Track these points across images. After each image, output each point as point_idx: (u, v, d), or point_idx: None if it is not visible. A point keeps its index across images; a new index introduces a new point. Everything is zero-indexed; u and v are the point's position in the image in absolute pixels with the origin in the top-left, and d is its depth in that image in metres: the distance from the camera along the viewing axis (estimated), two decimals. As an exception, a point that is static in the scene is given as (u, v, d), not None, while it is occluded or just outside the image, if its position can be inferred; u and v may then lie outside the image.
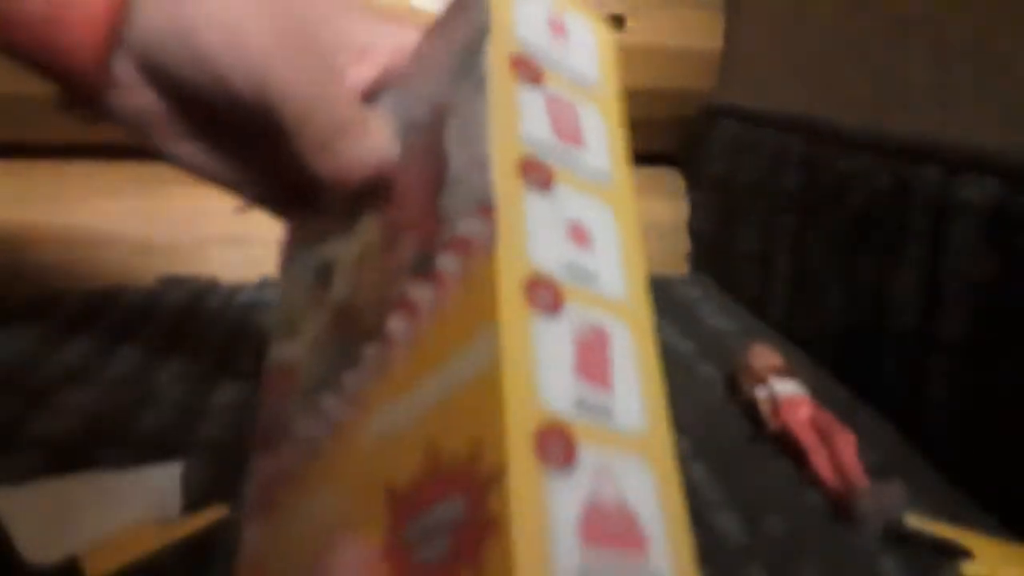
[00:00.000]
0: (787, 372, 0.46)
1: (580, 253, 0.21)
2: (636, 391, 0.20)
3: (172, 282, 0.69)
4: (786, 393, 0.44)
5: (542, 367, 0.18)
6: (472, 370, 0.19)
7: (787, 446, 0.43)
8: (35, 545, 0.33)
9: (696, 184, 0.78)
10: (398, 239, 0.25)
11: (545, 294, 0.20)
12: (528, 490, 0.16)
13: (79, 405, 0.45)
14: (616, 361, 0.20)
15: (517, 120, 0.22)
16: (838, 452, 0.39)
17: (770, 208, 0.62)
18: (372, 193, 0.27)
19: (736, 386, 0.49)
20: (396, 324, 0.23)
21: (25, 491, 0.36)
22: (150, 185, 0.72)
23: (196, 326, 0.59)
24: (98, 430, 0.43)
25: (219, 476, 0.39)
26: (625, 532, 0.18)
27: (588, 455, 0.18)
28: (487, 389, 0.18)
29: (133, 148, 0.72)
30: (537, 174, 0.22)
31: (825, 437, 0.41)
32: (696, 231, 0.78)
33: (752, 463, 0.42)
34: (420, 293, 0.22)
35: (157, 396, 0.47)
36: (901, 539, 0.35)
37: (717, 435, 0.45)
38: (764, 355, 0.47)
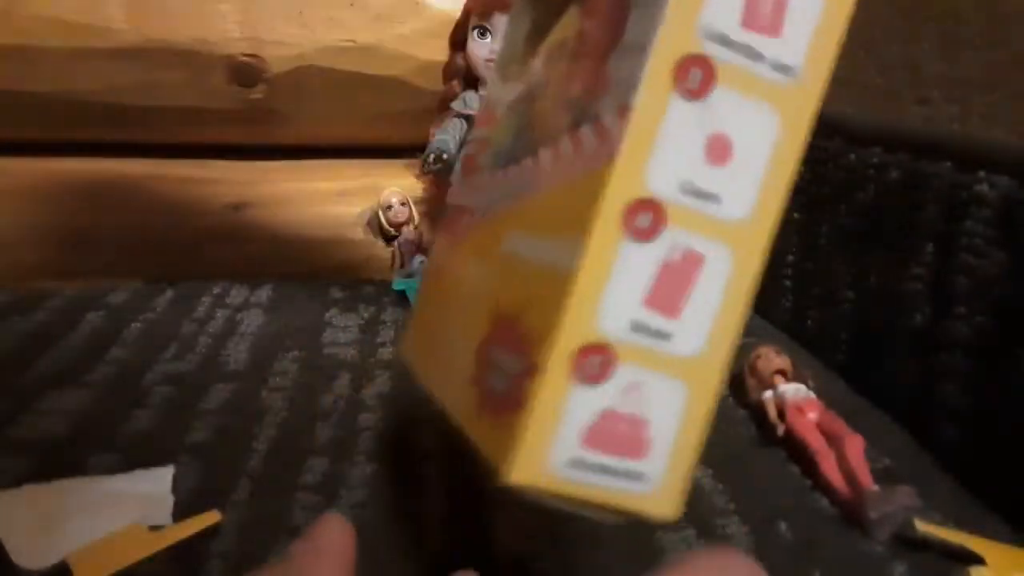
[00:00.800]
0: (794, 374, 0.45)
1: (709, 171, 0.20)
2: (707, 320, 0.21)
3: (162, 282, 0.68)
4: (793, 396, 0.43)
5: (612, 291, 0.20)
6: (560, 262, 0.20)
7: (794, 450, 0.42)
8: (25, 551, 0.33)
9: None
10: (579, 62, 0.24)
11: (645, 219, 0.20)
12: (553, 394, 0.19)
13: (67, 407, 0.45)
14: (699, 288, 0.20)
15: (700, 1, 0.19)
16: (846, 456, 0.39)
17: (777, 205, 0.61)
18: None
19: (742, 389, 0.48)
20: (545, 157, 0.24)
21: (15, 496, 0.36)
22: (141, 182, 0.71)
23: (187, 326, 0.58)
24: (87, 433, 0.42)
25: (211, 481, 0.38)
26: (629, 440, 0.20)
27: (625, 372, 0.20)
28: (559, 290, 0.20)
29: (124, 145, 0.72)
30: (696, 76, 0.20)
31: (833, 441, 0.40)
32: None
33: (759, 468, 0.41)
34: (565, 148, 0.23)
35: (147, 398, 0.46)
36: (911, 545, 0.35)
37: (723, 439, 0.44)
38: (770, 357, 0.46)
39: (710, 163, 0.20)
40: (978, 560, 0.33)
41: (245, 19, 0.67)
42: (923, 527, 0.35)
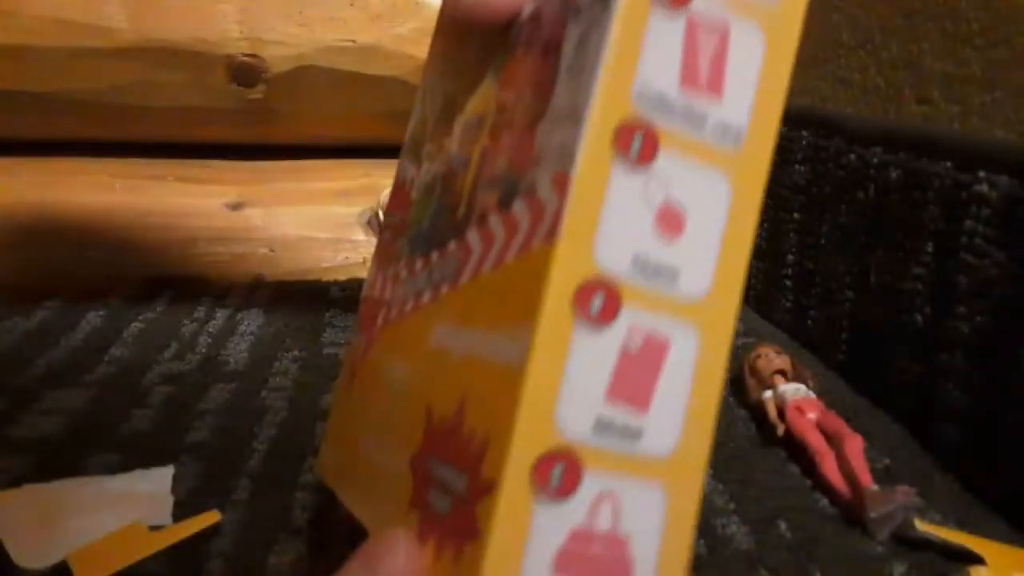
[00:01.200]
0: (794, 374, 0.45)
1: (663, 245, 0.19)
2: (680, 411, 0.19)
3: (162, 282, 0.68)
4: (793, 396, 0.43)
5: (569, 385, 0.17)
6: (506, 358, 0.18)
7: (794, 450, 0.42)
8: (25, 550, 0.33)
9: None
10: (502, 136, 0.23)
11: (598, 301, 0.18)
12: (513, 516, 0.17)
13: (67, 407, 0.45)
14: (667, 376, 0.18)
15: (636, 61, 0.18)
16: (846, 456, 0.38)
17: (777, 204, 0.61)
18: (496, 51, 0.24)
19: (742, 389, 0.48)
20: (474, 241, 0.22)
21: (15, 496, 0.36)
22: (139, 182, 0.71)
23: (186, 327, 0.58)
24: (86, 432, 0.42)
25: (211, 481, 0.38)
26: (608, 562, 0.18)
27: (593, 482, 0.18)
28: (508, 389, 0.17)
29: (124, 145, 0.72)
30: (638, 142, 0.18)
31: (833, 441, 0.40)
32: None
33: (759, 468, 0.41)
34: (496, 228, 0.21)
35: (147, 398, 0.46)
36: (911, 545, 0.35)
37: (724, 439, 0.44)
38: (770, 357, 0.46)
39: (662, 235, 0.18)
40: (978, 560, 0.33)
41: (245, 19, 0.67)
42: (923, 527, 0.35)
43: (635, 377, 0.18)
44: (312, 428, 0.44)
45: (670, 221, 0.19)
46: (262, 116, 0.70)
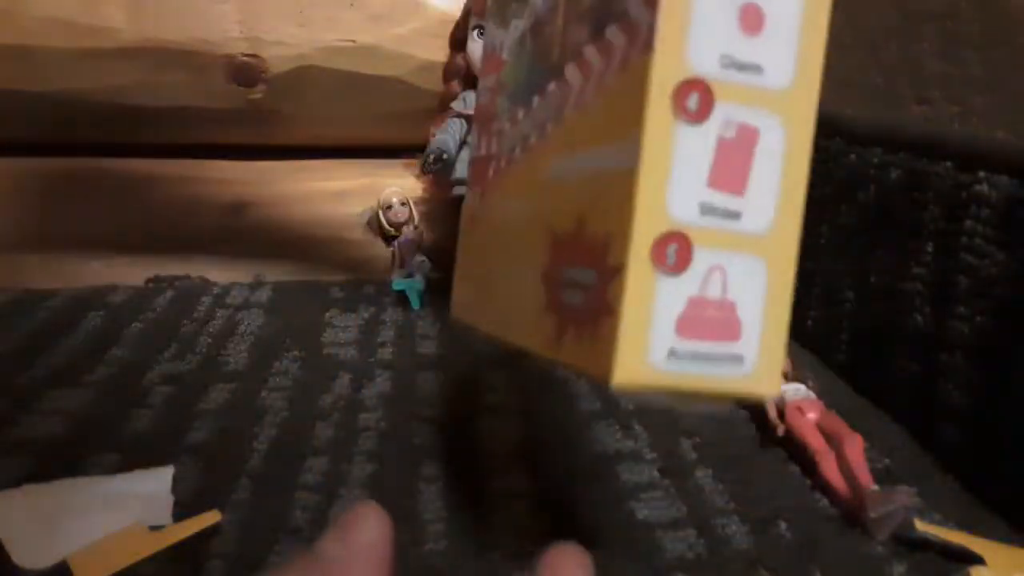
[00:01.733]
0: (794, 374, 0.45)
1: (747, 42, 0.20)
2: (772, 193, 0.21)
3: (162, 282, 0.68)
4: (793, 396, 0.43)
5: (675, 178, 0.20)
6: (617, 163, 0.21)
7: (794, 450, 0.42)
8: (25, 551, 0.33)
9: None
10: None
11: (694, 99, 0.20)
12: (639, 290, 0.20)
13: (67, 407, 0.45)
14: (759, 162, 0.21)
15: None
16: (846, 456, 0.38)
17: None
18: None
19: (742, 387, 0.48)
20: (573, 74, 0.24)
21: (15, 496, 0.36)
22: (142, 182, 0.71)
23: (186, 327, 0.58)
24: (87, 433, 0.42)
25: (211, 481, 0.38)
26: (722, 326, 0.21)
27: (703, 257, 0.20)
28: (624, 189, 0.20)
29: (124, 145, 0.72)
30: None
31: (833, 441, 0.40)
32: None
33: (759, 468, 0.41)
34: (593, 57, 0.23)
35: (147, 398, 0.46)
36: (911, 545, 0.35)
37: (723, 440, 0.44)
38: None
39: (746, 34, 0.20)
40: (978, 560, 0.33)
41: (245, 19, 0.67)
42: (923, 527, 0.35)
43: (732, 165, 0.20)
44: (312, 428, 0.44)
45: (752, 20, 0.20)
46: (262, 116, 0.70)
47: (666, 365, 0.20)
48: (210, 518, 0.34)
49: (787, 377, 0.45)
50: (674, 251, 0.20)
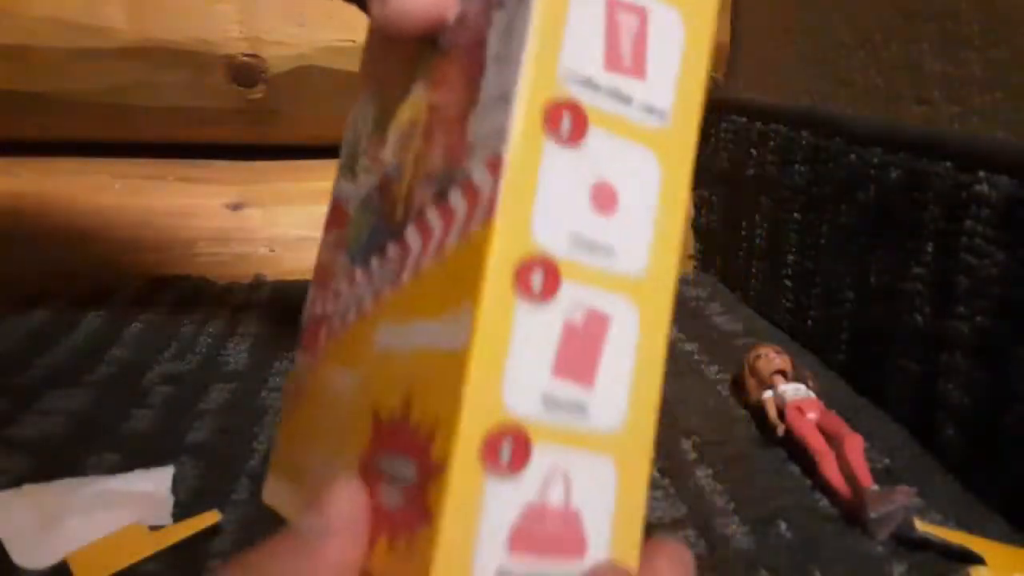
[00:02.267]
0: (794, 374, 0.45)
1: (598, 221, 0.19)
2: (625, 385, 0.19)
3: (162, 282, 0.68)
4: (793, 396, 0.43)
5: (514, 362, 0.18)
6: (449, 342, 0.18)
7: (794, 450, 0.42)
8: (25, 551, 0.33)
9: (702, 180, 0.77)
10: (434, 135, 0.23)
11: (539, 277, 0.18)
12: (464, 493, 0.17)
13: (67, 407, 0.45)
14: (610, 350, 0.19)
15: (560, 43, 0.18)
16: (846, 456, 0.38)
17: (777, 205, 0.61)
18: (425, 58, 0.25)
19: (742, 388, 0.48)
20: (412, 238, 0.22)
21: (15, 496, 0.36)
22: (139, 182, 0.71)
23: (186, 327, 0.58)
24: (87, 433, 0.42)
25: (210, 481, 0.38)
26: (562, 538, 0.18)
27: (544, 457, 0.18)
28: (454, 372, 0.17)
29: (124, 145, 0.72)
30: (568, 121, 0.19)
31: (833, 441, 0.40)
32: (701, 229, 0.77)
33: (759, 468, 0.41)
34: (434, 221, 0.21)
35: (147, 398, 0.46)
36: (911, 545, 0.35)
37: (723, 439, 0.44)
38: (770, 357, 0.46)
39: (597, 213, 0.19)
40: (978, 560, 0.33)
41: (245, 19, 0.67)
42: (923, 527, 0.35)
43: (579, 352, 0.18)
44: (312, 428, 0.44)
45: (604, 198, 0.19)
46: (262, 116, 0.70)
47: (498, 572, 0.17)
48: (210, 518, 0.34)
49: (787, 377, 0.45)
50: (509, 448, 0.17)
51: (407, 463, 0.18)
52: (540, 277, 0.18)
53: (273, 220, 0.72)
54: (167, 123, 0.70)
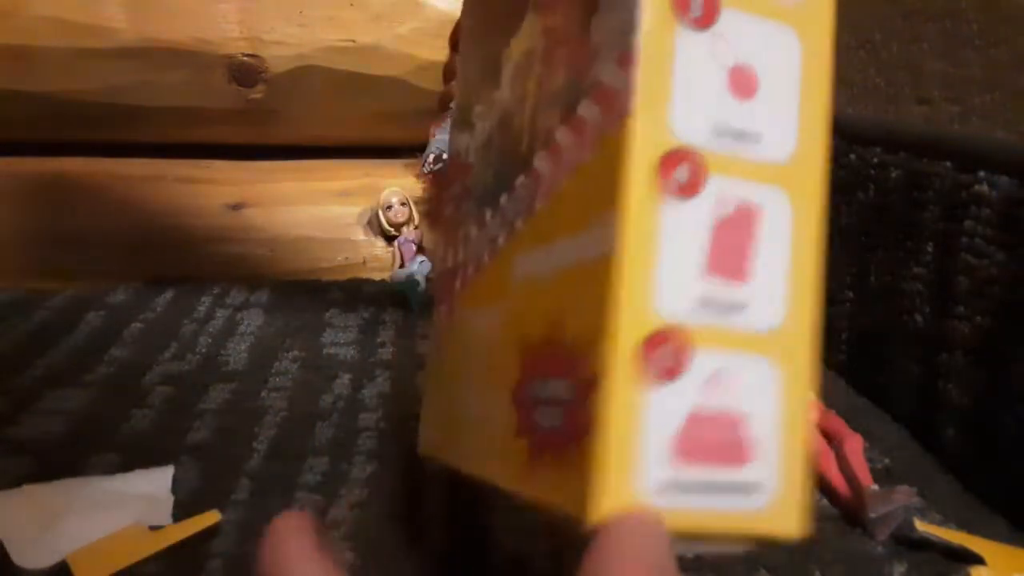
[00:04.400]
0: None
1: (741, 108, 0.18)
2: (781, 280, 0.18)
3: (162, 282, 0.68)
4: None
5: (665, 263, 0.17)
6: (596, 250, 0.17)
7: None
8: (25, 551, 0.33)
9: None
10: (555, 55, 0.22)
11: (683, 172, 0.17)
12: (624, 404, 0.16)
13: (67, 407, 0.45)
14: (763, 243, 0.18)
15: None
16: (846, 456, 0.38)
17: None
18: None
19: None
20: (542, 163, 0.21)
21: (15, 496, 0.36)
22: (141, 182, 0.71)
23: (186, 327, 0.58)
24: (87, 433, 0.42)
25: (211, 481, 0.38)
26: (728, 444, 0.17)
27: (703, 360, 0.17)
28: (604, 280, 0.17)
29: (124, 145, 0.72)
30: (698, 3, 0.17)
31: (833, 441, 0.40)
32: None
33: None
34: (564, 138, 0.20)
35: (147, 398, 0.46)
36: (911, 545, 0.35)
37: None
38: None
39: (738, 97, 0.18)
40: (978, 560, 0.33)
41: (245, 19, 0.67)
42: (923, 527, 0.35)
43: (732, 247, 0.17)
44: (312, 428, 0.44)
45: (744, 82, 0.18)
46: (262, 116, 0.70)
47: (661, 500, 0.16)
48: (210, 518, 0.34)
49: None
50: (668, 354, 0.16)
51: (562, 383, 0.18)
52: (685, 171, 0.17)
53: (273, 220, 0.72)
54: (167, 123, 0.70)
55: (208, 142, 0.72)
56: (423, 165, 0.60)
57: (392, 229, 0.70)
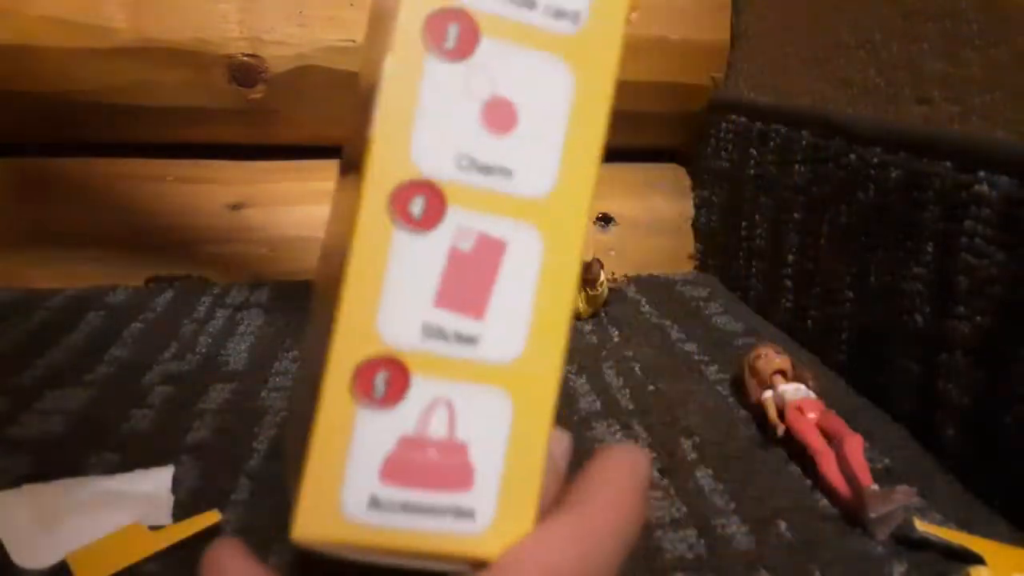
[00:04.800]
0: (794, 374, 0.45)
1: (492, 142, 0.18)
2: (522, 317, 0.18)
3: (162, 282, 0.68)
4: (793, 396, 0.43)
5: (391, 292, 0.17)
6: (339, 268, 0.18)
7: (794, 450, 0.42)
8: (25, 551, 0.33)
9: (702, 181, 0.77)
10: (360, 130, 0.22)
11: (418, 204, 0.17)
12: (335, 425, 0.17)
13: (67, 407, 0.45)
14: (505, 279, 0.18)
15: None
16: (846, 456, 0.38)
17: (778, 204, 0.61)
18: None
19: (742, 389, 0.48)
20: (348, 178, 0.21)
21: (15, 496, 0.36)
22: (141, 182, 0.71)
23: (186, 327, 0.58)
24: (87, 433, 0.42)
25: (211, 481, 0.38)
26: (446, 472, 0.17)
27: (424, 388, 0.17)
28: (334, 304, 0.17)
29: (123, 145, 0.72)
30: (454, 31, 0.17)
31: (833, 441, 0.40)
32: (701, 229, 0.77)
33: (759, 468, 0.41)
34: (352, 154, 0.20)
35: (147, 398, 0.46)
36: (911, 545, 0.35)
37: (724, 439, 0.44)
38: (770, 357, 0.46)
39: (490, 132, 0.17)
40: (978, 560, 0.33)
41: (245, 19, 0.67)
42: (923, 527, 0.35)
43: (468, 281, 0.17)
44: (312, 428, 0.44)
45: (500, 116, 0.18)
46: (262, 116, 0.70)
47: (365, 516, 0.17)
48: (210, 518, 0.34)
49: (787, 377, 0.45)
50: (383, 379, 0.17)
51: (311, 404, 0.18)
52: (421, 203, 0.17)
53: (273, 220, 0.72)
54: (167, 123, 0.70)
55: (208, 142, 0.72)
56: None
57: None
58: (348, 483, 0.17)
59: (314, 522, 0.16)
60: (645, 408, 0.47)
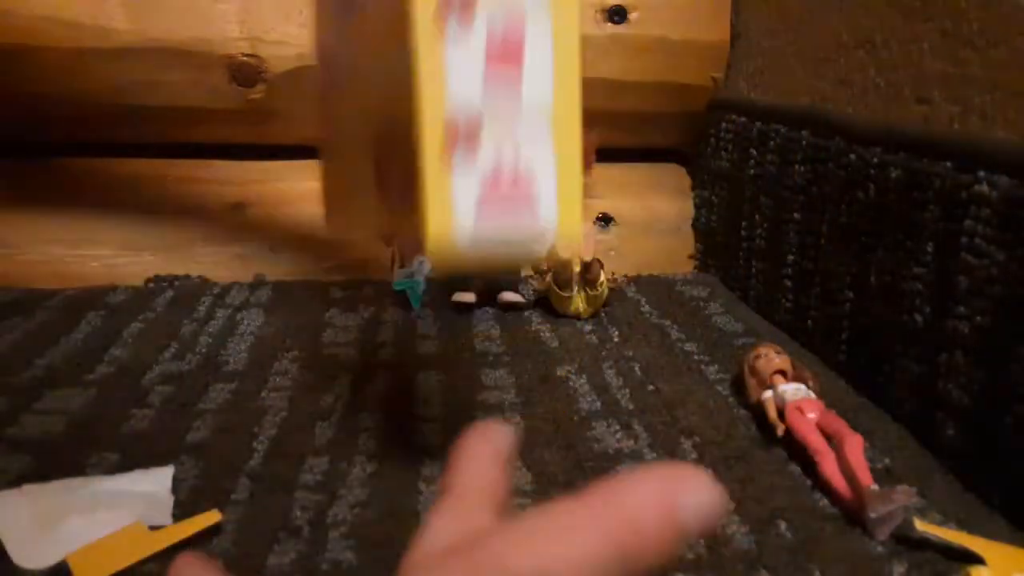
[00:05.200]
0: (794, 374, 0.45)
1: None
2: (547, 66, 0.25)
3: (162, 282, 0.68)
4: (793, 396, 0.43)
5: (453, 71, 0.24)
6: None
7: (794, 450, 0.42)
8: (25, 551, 0.33)
9: (702, 180, 0.77)
10: None
11: (456, 5, 0.24)
12: (437, 185, 0.25)
13: (67, 407, 0.45)
14: (531, 41, 0.25)
15: None
16: (846, 456, 0.38)
17: (778, 204, 0.61)
18: None
19: (742, 389, 0.48)
20: None
21: (15, 496, 0.36)
22: (142, 182, 0.71)
23: (186, 327, 0.58)
24: (87, 433, 0.42)
25: (210, 481, 0.38)
26: (521, 194, 0.25)
27: (490, 140, 0.25)
28: (415, 95, 0.25)
29: (124, 145, 0.72)
30: None
31: (833, 440, 0.40)
32: (701, 229, 0.77)
33: (759, 468, 0.41)
34: None
35: (147, 398, 0.46)
36: (911, 545, 0.35)
37: (724, 439, 0.44)
38: (770, 357, 0.46)
39: None
40: (978, 560, 0.33)
41: (245, 19, 0.67)
42: (923, 527, 0.35)
43: (505, 47, 0.26)
44: (312, 428, 0.44)
45: None
46: (262, 116, 0.70)
47: (473, 232, 0.25)
48: (210, 518, 0.34)
49: (787, 377, 0.45)
50: (464, 139, 0.24)
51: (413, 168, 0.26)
52: (458, 4, 0.25)
53: (273, 220, 0.72)
54: (167, 123, 0.70)
55: (208, 142, 0.72)
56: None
57: (392, 229, 0.70)
58: (458, 220, 0.25)
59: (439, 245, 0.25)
60: (645, 408, 0.47)
